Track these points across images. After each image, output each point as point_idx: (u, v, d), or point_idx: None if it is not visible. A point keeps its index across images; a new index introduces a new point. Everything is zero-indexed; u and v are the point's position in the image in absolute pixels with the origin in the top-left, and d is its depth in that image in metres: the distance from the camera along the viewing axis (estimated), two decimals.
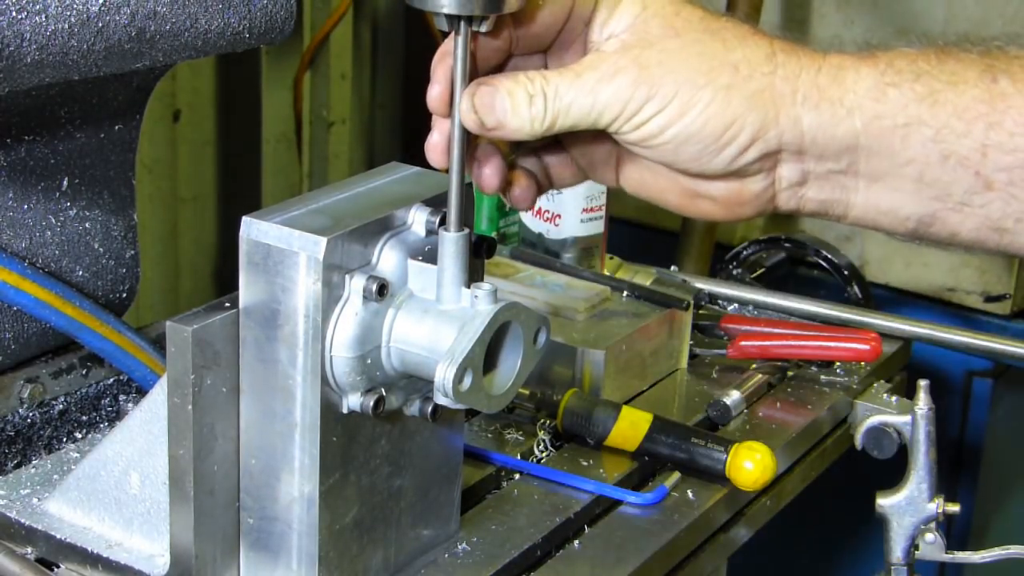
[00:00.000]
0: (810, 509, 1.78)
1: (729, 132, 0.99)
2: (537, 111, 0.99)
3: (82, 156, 1.45)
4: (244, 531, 1.12)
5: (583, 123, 1.00)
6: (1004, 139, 0.97)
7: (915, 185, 1.00)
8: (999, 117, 0.97)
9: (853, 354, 1.63)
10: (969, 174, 0.98)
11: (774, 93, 0.99)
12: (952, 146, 0.98)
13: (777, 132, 0.99)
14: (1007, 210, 0.99)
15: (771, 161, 1.02)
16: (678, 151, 1.00)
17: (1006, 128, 0.97)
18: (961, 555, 1.55)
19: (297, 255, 1.02)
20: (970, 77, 0.98)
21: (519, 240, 1.75)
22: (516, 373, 1.08)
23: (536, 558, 1.24)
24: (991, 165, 0.97)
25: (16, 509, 1.22)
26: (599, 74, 0.99)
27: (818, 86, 0.99)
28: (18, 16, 1.16)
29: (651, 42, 0.99)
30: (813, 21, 2.37)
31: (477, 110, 1.00)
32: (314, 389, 1.05)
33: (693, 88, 0.98)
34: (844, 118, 0.99)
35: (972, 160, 0.98)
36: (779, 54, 1.00)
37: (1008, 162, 0.97)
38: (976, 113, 0.97)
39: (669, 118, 0.98)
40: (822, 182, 1.03)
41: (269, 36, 1.41)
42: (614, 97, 0.98)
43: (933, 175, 0.99)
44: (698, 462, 1.37)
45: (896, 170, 1.00)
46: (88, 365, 1.49)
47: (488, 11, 0.98)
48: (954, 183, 0.99)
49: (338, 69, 2.66)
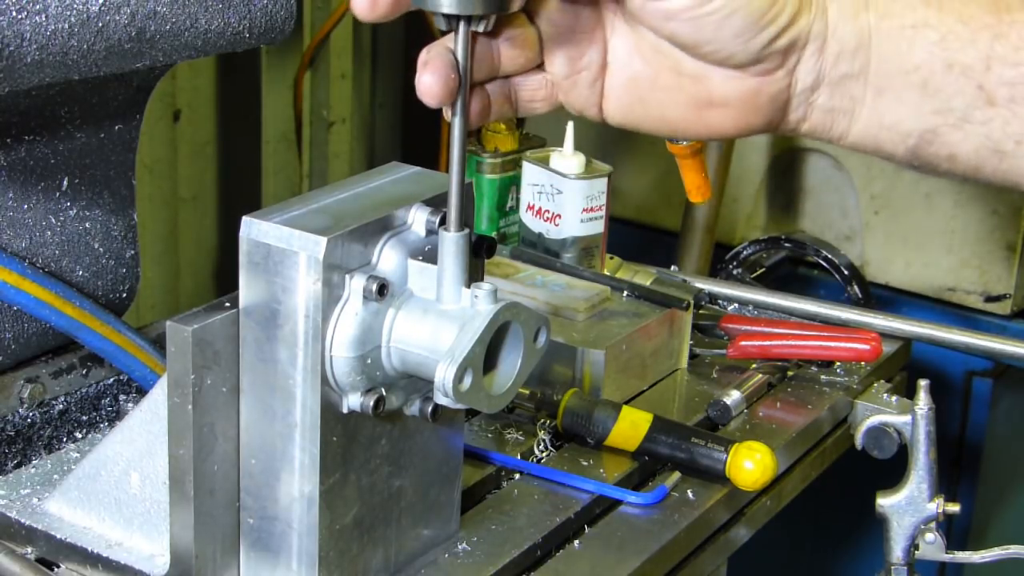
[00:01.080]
0: (810, 509, 1.78)
1: (774, 9, 0.97)
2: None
3: (82, 156, 1.45)
4: (244, 531, 1.12)
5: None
6: (1008, 52, 0.97)
7: (919, 95, 1.00)
8: (1005, 30, 0.97)
9: (853, 354, 1.63)
10: (972, 86, 0.98)
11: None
12: (957, 54, 0.98)
13: (808, 18, 0.99)
14: (1007, 130, 0.99)
15: (795, 56, 1.00)
16: (722, 24, 0.96)
17: (1011, 42, 0.97)
18: (961, 555, 1.55)
19: (297, 255, 1.02)
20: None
21: (519, 240, 1.75)
22: (516, 373, 1.08)
23: (536, 558, 1.24)
24: (994, 79, 0.98)
25: (16, 509, 1.22)
26: None
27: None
28: (18, 16, 1.16)
29: None
30: None
31: None
32: (314, 389, 1.05)
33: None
34: (862, 10, 0.99)
35: (976, 70, 0.98)
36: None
37: (1011, 76, 0.98)
38: (982, 23, 0.98)
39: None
40: (833, 88, 1.01)
41: (269, 36, 1.41)
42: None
43: (936, 84, 0.99)
44: (698, 462, 1.37)
45: (902, 77, 1.00)
46: (88, 365, 1.49)
47: (487, 11, 0.98)
48: (956, 95, 0.99)
49: (338, 69, 2.66)
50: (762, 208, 2.25)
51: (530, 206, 1.72)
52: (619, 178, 2.12)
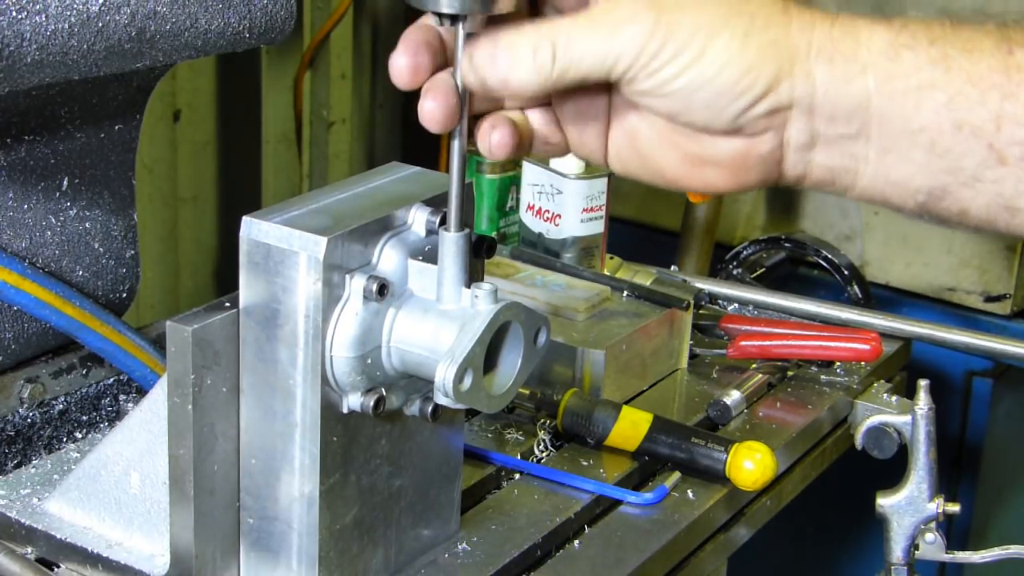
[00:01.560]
0: (810, 509, 1.78)
1: (744, 81, 0.96)
2: (543, 61, 0.95)
3: (82, 156, 1.45)
4: (244, 531, 1.12)
5: (596, 72, 0.96)
6: (1019, 111, 0.95)
7: (926, 155, 0.97)
8: (1015, 89, 0.95)
9: (853, 354, 1.63)
10: (982, 146, 0.96)
11: (789, 44, 0.96)
12: (966, 115, 0.96)
13: (790, 85, 0.97)
14: (1020, 187, 0.96)
15: (781, 118, 0.98)
16: (690, 99, 0.96)
17: (1021, 100, 0.95)
18: (961, 555, 1.55)
19: (297, 255, 1.02)
20: (985, 46, 0.96)
21: (519, 240, 1.75)
22: (516, 373, 1.08)
23: (536, 558, 1.24)
24: (1005, 138, 0.95)
25: (16, 509, 1.22)
26: (613, 19, 0.95)
27: (832, 39, 0.97)
28: (18, 16, 1.16)
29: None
30: None
31: (477, 68, 0.97)
32: (314, 389, 1.05)
33: (710, 33, 0.95)
34: (857, 75, 0.97)
35: (986, 131, 0.96)
36: (793, 9, 0.98)
37: (1022, 136, 0.95)
38: (991, 83, 0.95)
39: (685, 63, 0.95)
40: (831, 147, 0.99)
41: (269, 36, 1.40)
42: (631, 42, 0.95)
43: (945, 144, 0.97)
44: (698, 462, 1.37)
45: (908, 138, 0.97)
46: (88, 365, 1.49)
47: (486, 10, 0.98)
48: (966, 155, 0.97)
49: (338, 69, 2.66)
50: (762, 208, 2.25)
51: (530, 206, 1.72)
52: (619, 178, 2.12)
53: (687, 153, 1.01)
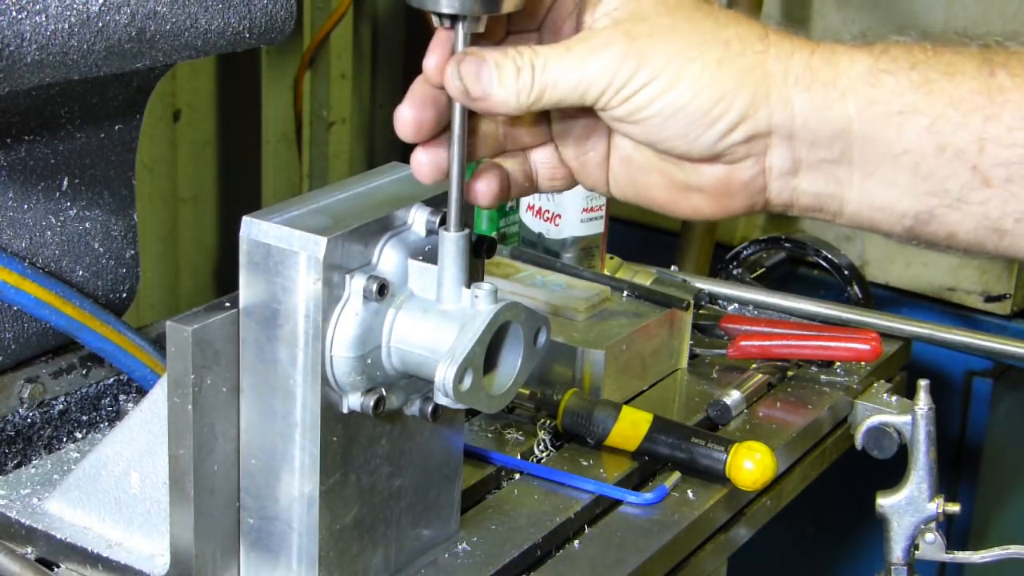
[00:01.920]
0: (810, 509, 1.78)
1: (718, 107, 0.96)
2: (524, 83, 0.97)
3: (82, 156, 1.45)
4: (244, 531, 1.12)
5: (570, 97, 0.98)
6: (1002, 133, 0.95)
7: (911, 178, 0.98)
8: (997, 110, 0.95)
9: (853, 354, 1.63)
10: (966, 168, 0.96)
11: (766, 71, 0.97)
12: (948, 137, 0.95)
13: (767, 111, 0.97)
14: (1006, 209, 0.96)
15: (760, 144, 0.99)
16: (665, 126, 0.97)
17: (1004, 122, 0.94)
18: (961, 555, 1.55)
19: (297, 255, 1.02)
20: (967, 69, 0.96)
21: (519, 240, 1.75)
22: (516, 373, 1.08)
23: (536, 558, 1.24)
24: (988, 160, 0.95)
25: (16, 509, 1.22)
26: (588, 47, 0.97)
27: (811, 67, 0.97)
28: (18, 16, 1.16)
29: (642, 17, 0.98)
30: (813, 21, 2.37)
31: (463, 78, 0.98)
32: (314, 389, 1.05)
33: (683, 60, 0.96)
34: (837, 101, 0.97)
35: (968, 153, 0.95)
36: (772, 35, 0.99)
37: (1006, 157, 0.95)
38: (973, 105, 0.95)
39: (658, 90, 0.96)
40: (815, 172, 1.00)
41: (269, 36, 1.40)
42: (603, 68, 0.97)
43: (929, 167, 0.97)
44: (698, 462, 1.37)
45: (891, 161, 0.97)
46: (88, 365, 1.49)
47: (486, 11, 0.98)
48: (951, 177, 0.97)
49: (338, 69, 2.66)
50: None
51: (530, 206, 1.72)
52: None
53: (673, 180, 1.02)
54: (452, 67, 0.99)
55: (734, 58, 0.97)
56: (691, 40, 0.97)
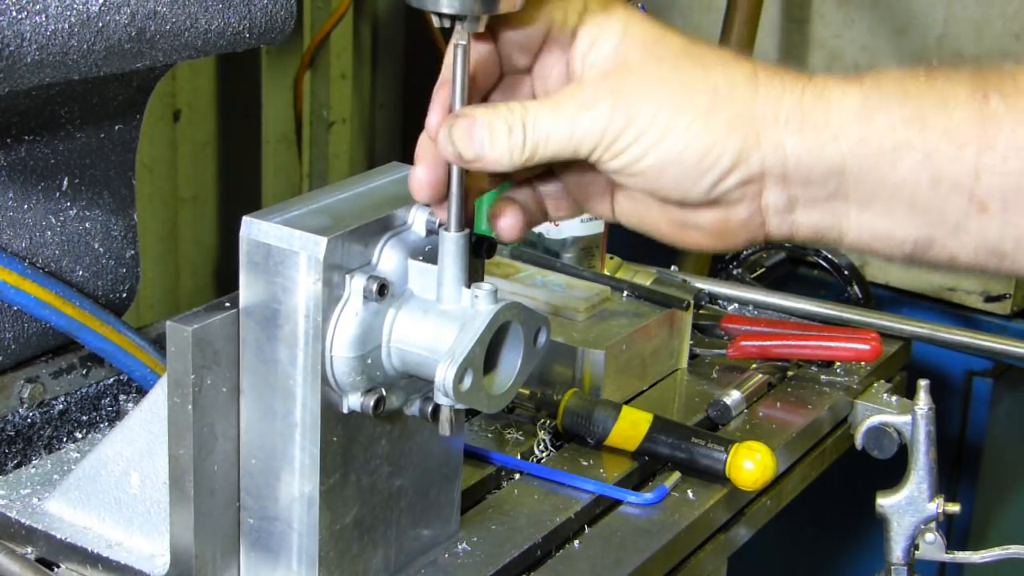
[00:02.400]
0: (810, 509, 1.78)
1: (710, 157, 0.97)
2: (516, 141, 0.98)
3: (82, 156, 1.45)
4: (244, 531, 1.12)
5: (563, 153, 0.99)
6: (996, 162, 0.94)
7: (907, 209, 0.98)
8: (991, 140, 0.94)
9: (853, 354, 1.63)
10: (962, 198, 0.96)
11: (755, 116, 0.97)
12: (943, 170, 0.95)
13: (759, 156, 0.97)
14: (1004, 233, 0.96)
15: (755, 187, 0.99)
16: (659, 178, 0.98)
17: (998, 151, 0.94)
18: (961, 555, 1.55)
19: (297, 255, 1.02)
20: (960, 97, 0.95)
21: (519, 240, 1.75)
22: (516, 373, 1.08)
23: (536, 558, 1.24)
24: (984, 188, 0.95)
25: (16, 509, 1.22)
26: (577, 103, 0.98)
27: (801, 108, 0.97)
28: (18, 16, 1.16)
29: (630, 68, 0.98)
30: (813, 21, 2.37)
31: (455, 142, 0.99)
32: (314, 389, 1.05)
33: (671, 112, 0.96)
34: (829, 141, 0.97)
35: (964, 183, 0.95)
36: (760, 76, 0.98)
37: (1001, 184, 0.94)
38: (967, 136, 0.94)
39: (648, 144, 0.97)
40: (811, 208, 1.00)
41: (269, 36, 1.40)
42: (592, 125, 0.97)
43: (925, 198, 0.97)
44: (698, 462, 1.37)
45: (887, 194, 0.97)
46: (88, 365, 1.49)
47: (486, 10, 0.98)
48: (948, 207, 0.96)
49: (338, 69, 2.66)
50: None
51: None
52: None
53: (672, 218, 1.03)
54: (444, 131, 1.00)
55: (723, 105, 0.97)
56: (678, 91, 0.97)
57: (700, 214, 1.02)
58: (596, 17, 1.01)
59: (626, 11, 1.01)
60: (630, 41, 0.99)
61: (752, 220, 1.01)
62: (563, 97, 0.99)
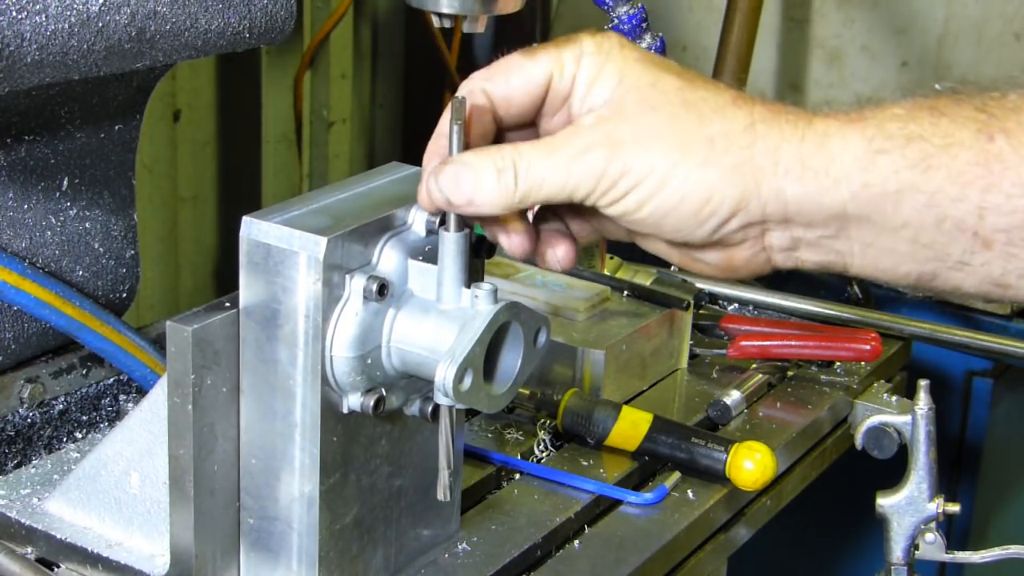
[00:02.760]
0: (810, 509, 1.78)
1: (707, 207, 0.98)
2: (507, 183, 0.98)
3: (82, 156, 1.45)
4: (244, 531, 1.12)
5: (558, 197, 0.99)
6: (1001, 201, 0.94)
7: (911, 246, 0.98)
8: (996, 179, 0.94)
9: (853, 354, 1.63)
10: (966, 235, 0.96)
11: (753, 166, 0.97)
12: (947, 210, 0.96)
13: (759, 203, 0.98)
14: (1008, 267, 0.97)
15: (757, 230, 1.00)
16: (660, 223, 0.99)
17: (1003, 190, 0.94)
18: (961, 555, 1.55)
19: (297, 255, 1.02)
20: (965, 138, 0.95)
21: None
22: (516, 373, 1.08)
23: (536, 558, 1.24)
24: (989, 226, 0.95)
25: (16, 509, 1.22)
26: (572, 150, 0.98)
27: (801, 157, 0.97)
28: (18, 16, 1.16)
29: (627, 117, 0.98)
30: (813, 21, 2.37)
31: (442, 189, 1.00)
32: (314, 389, 1.05)
33: (667, 165, 0.97)
34: (830, 188, 0.97)
35: (968, 223, 0.96)
36: (758, 125, 0.98)
37: (1006, 223, 0.95)
38: (971, 176, 0.94)
39: (645, 195, 0.98)
40: (814, 247, 1.01)
41: (269, 36, 1.40)
42: (587, 173, 0.98)
43: (929, 237, 0.97)
44: (698, 462, 1.37)
45: (890, 233, 0.98)
46: (88, 365, 1.49)
47: (486, 10, 0.99)
48: (951, 244, 0.97)
49: (338, 69, 2.66)
50: None
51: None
52: None
53: (680, 250, 1.04)
54: (432, 180, 1.01)
55: (719, 157, 0.97)
56: (674, 142, 0.97)
57: (705, 253, 1.03)
58: (593, 61, 1.01)
59: (622, 54, 1.01)
60: (626, 87, 1.00)
61: (756, 258, 1.03)
62: (558, 141, 0.99)
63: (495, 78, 1.03)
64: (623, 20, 1.50)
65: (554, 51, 1.02)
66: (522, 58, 1.02)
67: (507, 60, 1.03)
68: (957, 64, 2.32)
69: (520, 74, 1.02)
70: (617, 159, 0.97)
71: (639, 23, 1.50)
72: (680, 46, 2.51)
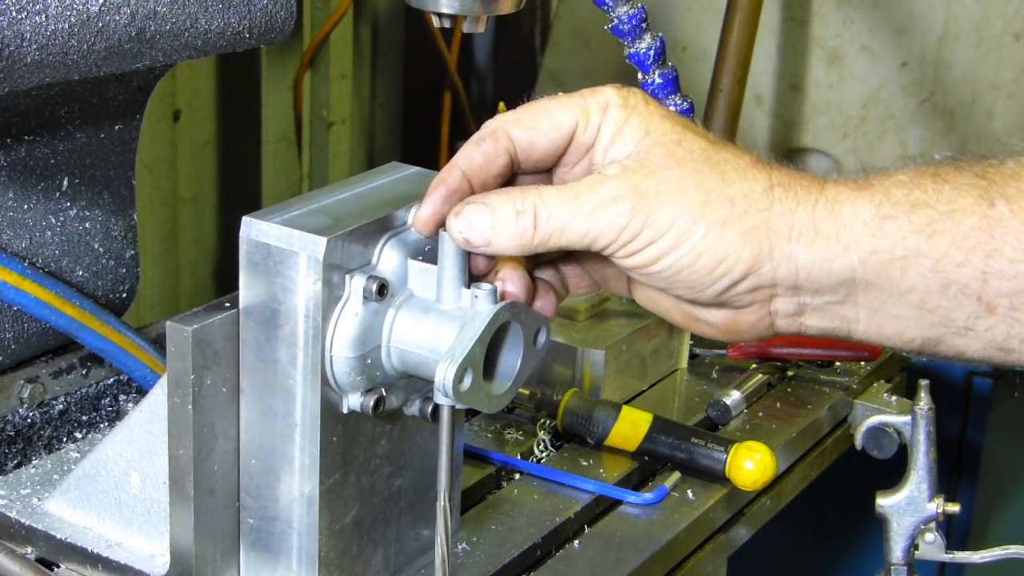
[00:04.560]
0: (810, 509, 1.78)
1: (723, 266, 0.99)
2: (525, 227, 0.99)
3: (82, 156, 1.45)
4: (244, 531, 1.12)
5: (578, 244, 1.00)
6: (1004, 266, 0.97)
7: (916, 312, 1.00)
8: (998, 244, 0.96)
9: (853, 354, 1.63)
10: (971, 301, 0.98)
11: (769, 229, 0.99)
12: (952, 275, 0.98)
13: (771, 267, 0.99)
14: (1011, 332, 0.99)
15: (765, 294, 1.02)
16: (673, 280, 1.00)
17: (1006, 255, 0.96)
18: (961, 555, 1.54)
19: (297, 255, 1.02)
20: (967, 204, 0.97)
21: None
22: (516, 373, 1.08)
23: (536, 558, 1.24)
24: (992, 291, 0.97)
25: (16, 509, 1.22)
26: (598, 198, 0.99)
27: (814, 221, 0.99)
28: (18, 16, 1.16)
29: (652, 171, 0.99)
30: (813, 21, 2.37)
31: (462, 229, 1.01)
32: (314, 389, 1.05)
33: (689, 221, 0.98)
34: (840, 253, 0.99)
35: (973, 288, 0.98)
36: (776, 189, 1.00)
37: (1009, 288, 0.97)
38: (975, 242, 0.97)
39: (663, 248, 0.99)
40: (820, 313, 1.03)
41: (269, 36, 1.41)
42: (611, 224, 0.98)
43: (934, 302, 0.99)
44: (698, 462, 1.37)
45: (896, 299, 1.00)
46: (88, 365, 1.49)
47: (485, 10, 0.99)
48: (956, 309, 0.99)
49: (338, 69, 2.66)
50: None
51: None
52: None
53: (685, 311, 1.06)
54: (451, 220, 1.01)
55: (738, 217, 0.99)
56: (696, 199, 0.99)
57: (711, 312, 1.04)
58: (619, 113, 1.02)
59: (647, 109, 1.02)
60: (651, 140, 1.01)
61: (761, 323, 1.04)
62: (582, 189, 1.00)
63: (522, 121, 1.03)
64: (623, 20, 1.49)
65: (580, 100, 1.03)
66: (550, 104, 1.03)
67: (534, 105, 1.04)
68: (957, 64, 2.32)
69: (547, 119, 1.03)
70: (641, 211, 0.98)
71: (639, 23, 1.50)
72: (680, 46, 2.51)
